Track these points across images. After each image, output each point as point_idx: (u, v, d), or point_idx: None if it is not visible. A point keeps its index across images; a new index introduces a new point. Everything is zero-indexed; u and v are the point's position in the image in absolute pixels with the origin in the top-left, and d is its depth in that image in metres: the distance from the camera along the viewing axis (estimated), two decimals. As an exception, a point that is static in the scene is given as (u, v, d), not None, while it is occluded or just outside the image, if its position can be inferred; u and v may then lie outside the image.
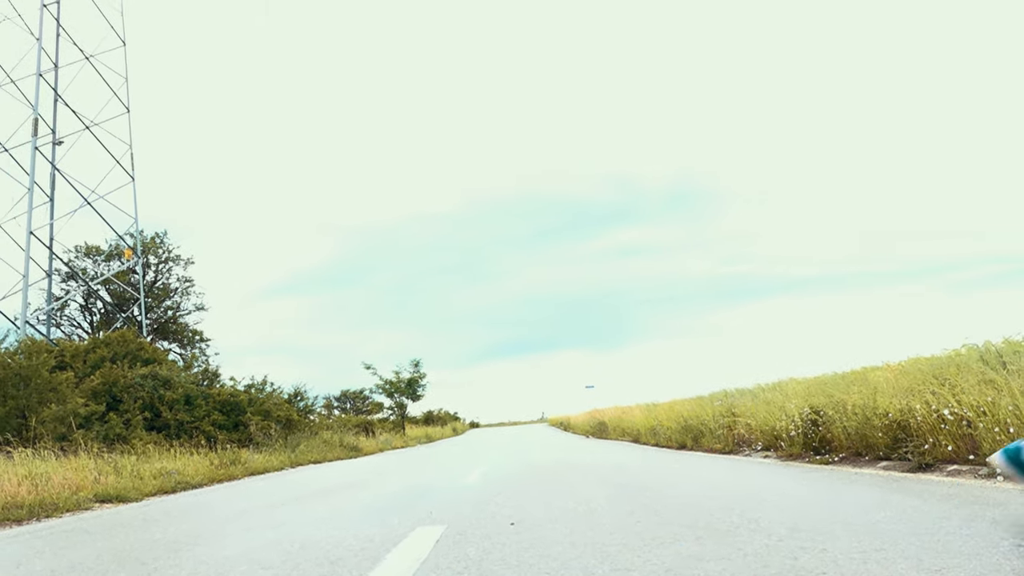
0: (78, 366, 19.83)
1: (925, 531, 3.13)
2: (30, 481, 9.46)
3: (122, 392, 18.72)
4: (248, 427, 19.82)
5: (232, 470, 14.35)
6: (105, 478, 10.82)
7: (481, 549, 3.55)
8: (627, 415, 22.20)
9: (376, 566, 3.30)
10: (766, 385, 13.26)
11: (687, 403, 16.00)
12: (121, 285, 34.34)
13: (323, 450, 21.14)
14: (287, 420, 22.21)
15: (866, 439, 7.13)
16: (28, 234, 25.56)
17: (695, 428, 13.11)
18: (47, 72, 28.05)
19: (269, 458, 17.13)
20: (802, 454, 8.19)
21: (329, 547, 4.03)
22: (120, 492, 9.83)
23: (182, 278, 39.79)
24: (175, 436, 18.09)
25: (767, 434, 9.62)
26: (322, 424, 26.75)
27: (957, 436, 5.74)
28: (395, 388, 46.69)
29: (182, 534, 5.37)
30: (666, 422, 15.29)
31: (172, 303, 39.49)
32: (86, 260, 37.05)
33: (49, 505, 8.48)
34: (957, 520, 3.34)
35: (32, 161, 26.47)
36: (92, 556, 4.57)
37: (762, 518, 3.89)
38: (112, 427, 16.54)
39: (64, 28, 29.38)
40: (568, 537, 3.72)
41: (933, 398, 6.26)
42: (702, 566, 2.76)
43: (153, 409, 18.86)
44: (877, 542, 2.72)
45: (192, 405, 19.60)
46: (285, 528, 5.13)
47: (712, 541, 3.28)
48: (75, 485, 9.84)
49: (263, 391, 23.45)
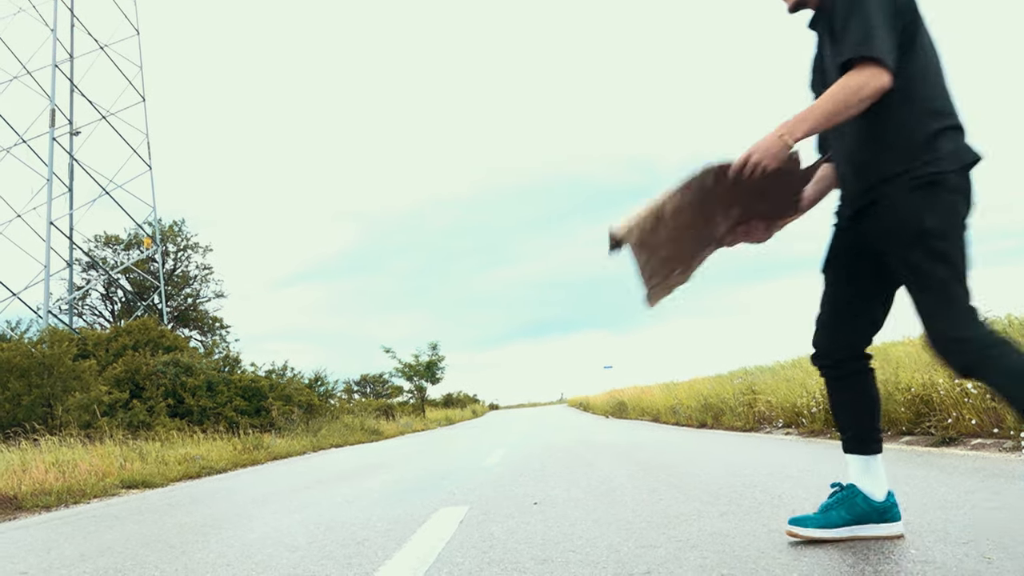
0: (100, 354, 20.05)
1: (951, 504, 3.12)
2: (57, 468, 9.59)
3: (145, 379, 18.91)
4: (270, 412, 19.98)
5: (255, 455, 14.49)
6: (131, 464, 10.95)
7: (505, 528, 3.57)
8: (646, 395, 22.21)
9: (402, 546, 3.33)
10: (786, 362, 13.22)
11: (706, 381, 15.98)
12: (141, 274, 34.64)
13: (344, 434, 21.31)
14: (308, 405, 22.38)
15: (888, 414, 7.09)
16: (48, 225, 25.80)
17: (715, 406, 13.09)
18: (62, 63, 28.21)
19: (291, 442, 17.29)
20: (824, 430, 8.16)
21: (355, 528, 4.07)
22: (146, 478, 9.95)
23: (201, 266, 40.13)
24: (198, 422, 18.27)
25: (788, 411, 9.59)
26: (343, 408, 26.96)
27: (981, 410, 5.70)
28: (414, 371, 46.95)
29: (208, 518, 5.43)
30: (686, 401, 15.28)
31: (192, 291, 39.83)
32: (106, 249, 37.40)
33: (77, 491, 8.60)
34: (983, 494, 3.33)
35: (50, 152, 26.69)
36: (121, 540, 4.63)
37: (785, 494, 3.88)
38: (136, 414, 16.72)
39: (78, 18, 29.51)
40: (591, 515, 3.74)
41: (956, 372, 6.21)
42: (728, 543, 2.77)
43: (176, 396, 19.05)
44: (903, 516, 2.71)
45: (214, 391, 19.77)
46: (310, 510, 5.18)
47: (736, 518, 3.28)
48: (101, 472, 9.97)
49: (284, 376, 23.63)
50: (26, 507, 7.79)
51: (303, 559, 3.29)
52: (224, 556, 3.61)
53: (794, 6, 2.53)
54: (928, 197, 2.23)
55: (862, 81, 2.18)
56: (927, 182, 2.23)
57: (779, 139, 2.26)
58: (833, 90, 2.22)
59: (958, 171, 2.25)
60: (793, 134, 2.26)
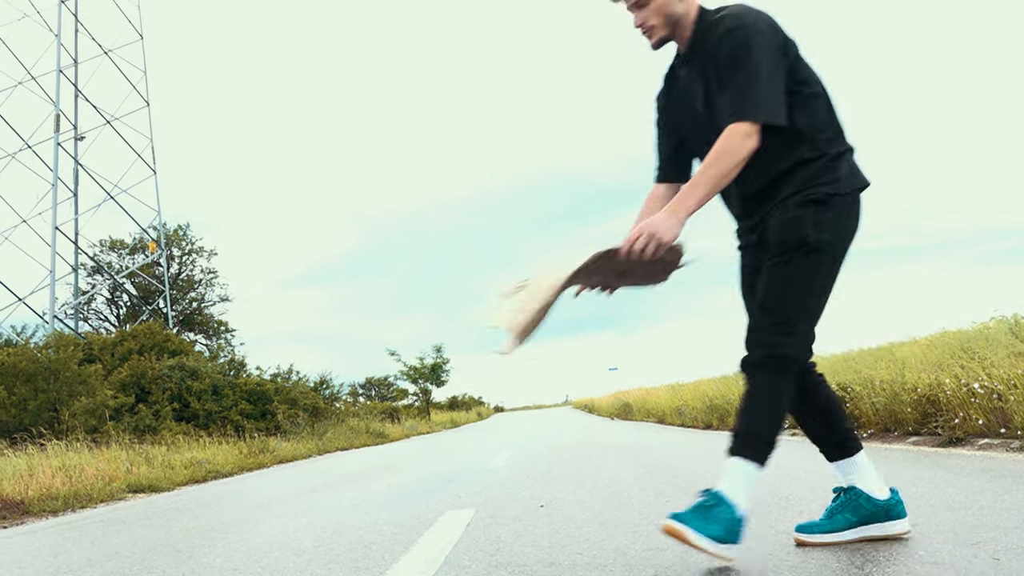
0: (106, 359, 20.09)
1: (959, 505, 3.11)
2: (64, 473, 9.62)
3: (150, 384, 18.95)
4: (275, 415, 20.00)
5: (261, 458, 14.50)
6: (137, 469, 10.97)
7: (512, 531, 3.56)
8: (651, 396, 22.20)
9: (409, 549, 3.33)
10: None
11: (712, 382, 15.96)
12: (146, 278, 34.71)
13: (350, 437, 21.32)
14: (313, 408, 22.40)
15: (895, 414, 7.08)
16: (53, 230, 25.87)
17: (721, 407, 13.07)
18: (67, 68, 28.29)
19: (297, 446, 17.30)
20: (830, 431, 8.15)
21: (361, 532, 4.07)
22: (152, 482, 9.96)
23: (206, 269, 40.21)
24: (204, 426, 18.30)
25: (794, 412, 9.57)
26: (348, 411, 26.97)
27: (988, 410, 5.69)
28: (419, 374, 46.92)
29: (215, 522, 5.43)
30: (691, 402, 15.26)
31: (197, 295, 39.90)
32: (111, 254, 37.50)
33: (83, 496, 8.62)
34: (991, 494, 3.32)
35: (55, 157, 26.76)
36: (128, 545, 4.64)
37: (793, 495, 3.88)
38: (142, 418, 16.76)
39: (82, 23, 29.59)
40: (598, 518, 3.73)
41: (962, 372, 6.20)
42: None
43: (181, 400, 19.08)
44: (911, 517, 2.70)
45: (220, 395, 19.80)
46: (316, 514, 5.18)
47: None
48: (108, 476, 9.99)
49: (289, 380, 23.65)
50: (33, 512, 7.81)
51: (310, 563, 3.29)
52: (231, 560, 3.62)
53: (658, 43, 2.54)
54: (816, 212, 2.34)
55: (737, 143, 2.27)
56: (817, 199, 2.34)
57: (672, 216, 2.30)
58: (713, 158, 2.28)
59: (848, 194, 2.39)
60: (687, 209, 2.30)
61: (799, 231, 2.34)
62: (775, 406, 2.38)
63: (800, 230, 2.34)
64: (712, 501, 2.30)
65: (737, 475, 2.34)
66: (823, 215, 2.35)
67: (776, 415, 2.38)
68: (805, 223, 2.34)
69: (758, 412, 2.37)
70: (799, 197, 2.37)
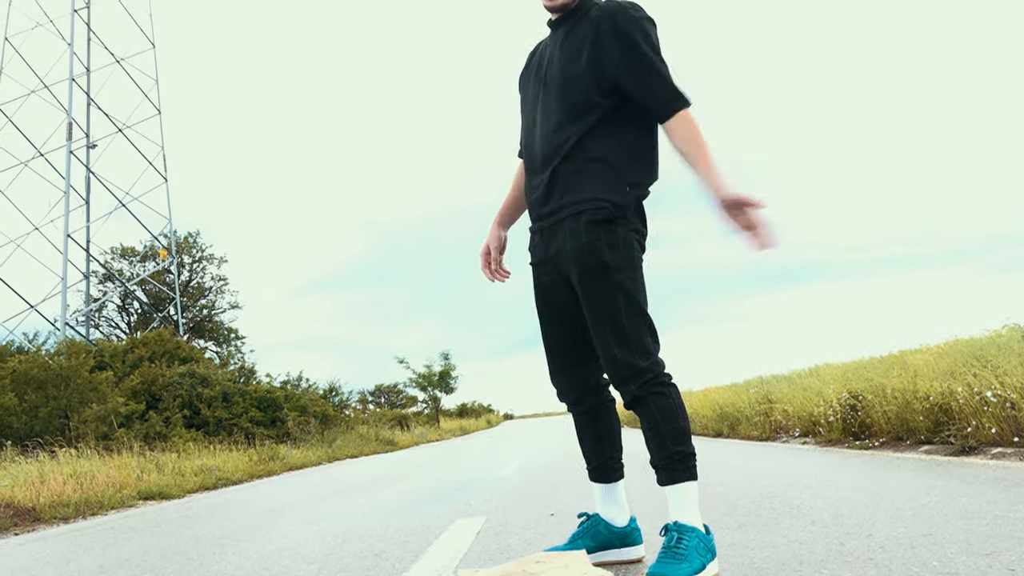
0: (117, 366, 20.16)
1: (973, 515, 3.09)
2: (75, 480, 9.64)
3: (161, 391, 19.01)
4: (285, 423, 20.03)
5: (271, 466, 14.52)
6: (148, 476, 11.00)
7: (523, 540, 3.56)
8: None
9: (419, 557, 3.32)
10: (803, 371, 13.15)
11: (722, 390, 15.92)
12: (157, 285, 34.85)
13: (359, 445, 21.33)
14: (323, 415, 22.43)
15: (907, 423, 7.04)
16: (65, 237, 26.01)
17: (731, 415, 13.03)
18: (79, 76, 28.48)
19: (307, 453, 17.32)
20: (841, 439, 8.11)
21: (372, 540, 4.06)
22: (163, 489, 9.98)
23: (216, 277, 40.34)
24: (214, 433, 18.34)
25: (805, 420, 9.54)
26: (357, 419, 27.00)
27: (1001, 418, 5.65)
28: (428, 381, 46.93)
29: (225, 529, 5.44)
30: (701, 410, 15.22)
31: (207, 302, 40.02)
32: (122, 261, 37.66)
33: (94, 503, 8.64)
34: (1005, 503, 3.29)
35: (67, 165, 26.92)
36: (139, 552, 4.65)
37: (804, 505, 3.86)
38: (152, 425, 16.80)
39: (95, 32, 29.80)
40: (609, 526, 3.72)
41: (975, 380, 6.16)
42: (747, 554, 2.75)
43: (192, 407, 19.13)
44: (924, 527, 2.69)
45: (230, 402, 19.84)
46: (326, 522, 5.18)
47: (755, 529, 3.26)
48: (119, 483, 10.01)
49: (299, 387, 23.69)
50: (44, 519, 7.83)
51: (320, 571, 3.29)
52: (242, 568, 3.62)
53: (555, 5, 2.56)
54: (608, 232, 2.38)
55: (696, 122, 2.36)
56: (606, 218, 2.38)
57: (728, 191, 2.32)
58: (701, 139, 2.34)
59: (635, 208, 2.45)
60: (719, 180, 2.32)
61: (598, 256, 2.37)
62: (677, 419, 2.42)
63: (599, 255, 2.37)
64: (674, 538, 2.32)
65: (682, 500, 2.39)
66: (613, 233, 2.38)
67: (683, 426, 2.42)
68: (598, 242, 2.38)
69: (670, 435, 2.40)
70: (590, 214, 2.40)
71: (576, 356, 2.64)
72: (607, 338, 2.40)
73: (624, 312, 2.37)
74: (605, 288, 2.37)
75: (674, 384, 2.44)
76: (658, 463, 2.43)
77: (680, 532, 2.31)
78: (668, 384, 2.42)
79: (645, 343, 2.40)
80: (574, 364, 2.66)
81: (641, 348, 2.38)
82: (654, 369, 2.39)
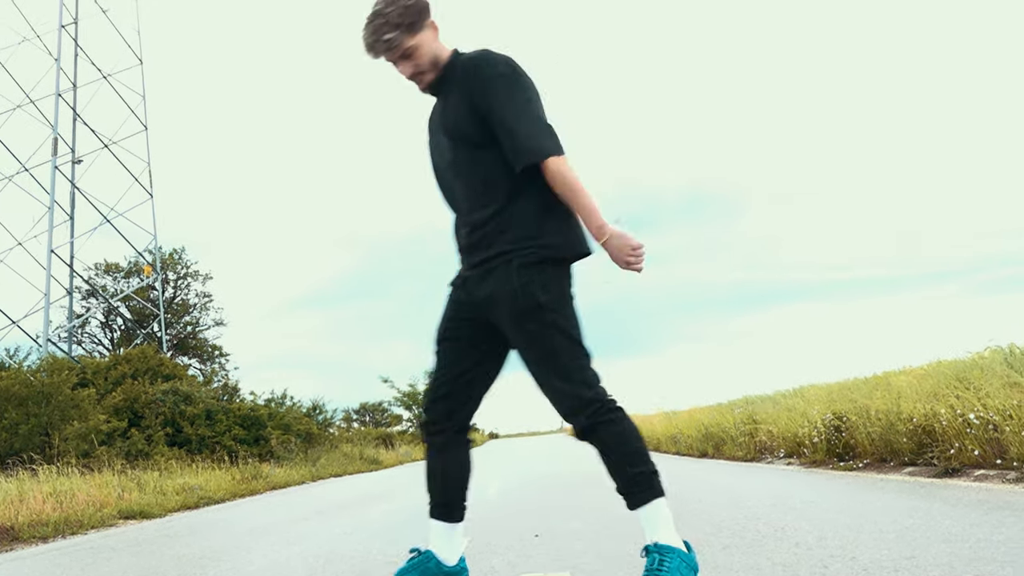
0: (100, 383, 19.98)
1: (955, 537, 3.09)
2: (55, 498, 9.52)
3: (143, 408, 18.84)
4: (269, 441, 19.87)
5: (254, 485, 14.38)
6: (129, 494, 10.87)
7: (507, 561, 3.54)
8: (646, 423, 22.06)
9: (402, 579, 3.29)
10: (787, 391, 13.18)
11: (707, 411, 15.91)
12: (141, 302, 34.63)
13: (344, 463, 21.18)
14: (307, 434, 22.26)
15: (891, 444, 7.06)
16: (49, 253, 25.84)
17: (716, 436, 13.03)
18: (66, 92, 28.39)
19: (290, 472, 17.17)
20: (826, 461, 8.12)
21: (355, 561, 4.03)
22: (144, 508, 9.87)
23: (201, 293, 40.09)
24: (197, 451, 18.17)
25: (789, 441, 9.55)
26: (342, 437, 26.83)
27: (983, 440, 5.67)
28: (413, 400, 46.73)
29: (206, 549, 5.39)
30: (686, 430, 15.21)
31: (191, 319, 39.75)
32: (106, 277, 37.41)
33: (74, 522, 8.53)
34: (987, 526, 3.30)
35: (52, 180, 26.79)
36: (118, 572, 4.60)
37: (789, 526, 3.86)
38: (134, 443, 16.63)
39: (82, 48, 29.72)
40: (593, 547, 3.71)
41: (958, 402, 6.19)
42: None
43: (174, 425, 18.96)
44: (907, 549, 2.69)
45: (213, 420, 19.68)
46: (309, 542, 5.14)
47: (739, 551, 3.26)
48: (99, 502, 9.89)
49: (283, 405, 23.53)
50: (23, 538, 7.73)
51: (303, 593, 3.26)
52: (223, 589, 3.58)
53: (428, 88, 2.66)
54: (540, 273, 2.42)
55: (567, 169, 2.41)
56: (538, 260, 2.42)
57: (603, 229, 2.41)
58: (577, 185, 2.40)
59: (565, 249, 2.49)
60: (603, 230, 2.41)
61: (532, 298, 2.41)
62: (630, 442, 2.45)
63: (532, 297, 2.41)
64: (656, 560, 2.32)
65: (655, 520, 2.40)
66: (545, 275, 2.43)
67: (638, 447, 2.45)
68: (530, 284, 2.41)
69: (627, 459, 2.43)
70: (520, 256, 2.43)
71: (456, 389, 2.66)
72: (548, 375, 2.45)
73: (562, 349, 2.42)
74: (542, 328, 2.41)
75: (620, 408, 2.46)
76: (622, 489, 2.45)
77: (661, 553, 2.31)
78: (614, 410, 2.44)
79: (587, 375, 2.43)
80: (451, 396, 2.67)
81: (583, 380, 2.42)
82: (599, 398, 2.42)
